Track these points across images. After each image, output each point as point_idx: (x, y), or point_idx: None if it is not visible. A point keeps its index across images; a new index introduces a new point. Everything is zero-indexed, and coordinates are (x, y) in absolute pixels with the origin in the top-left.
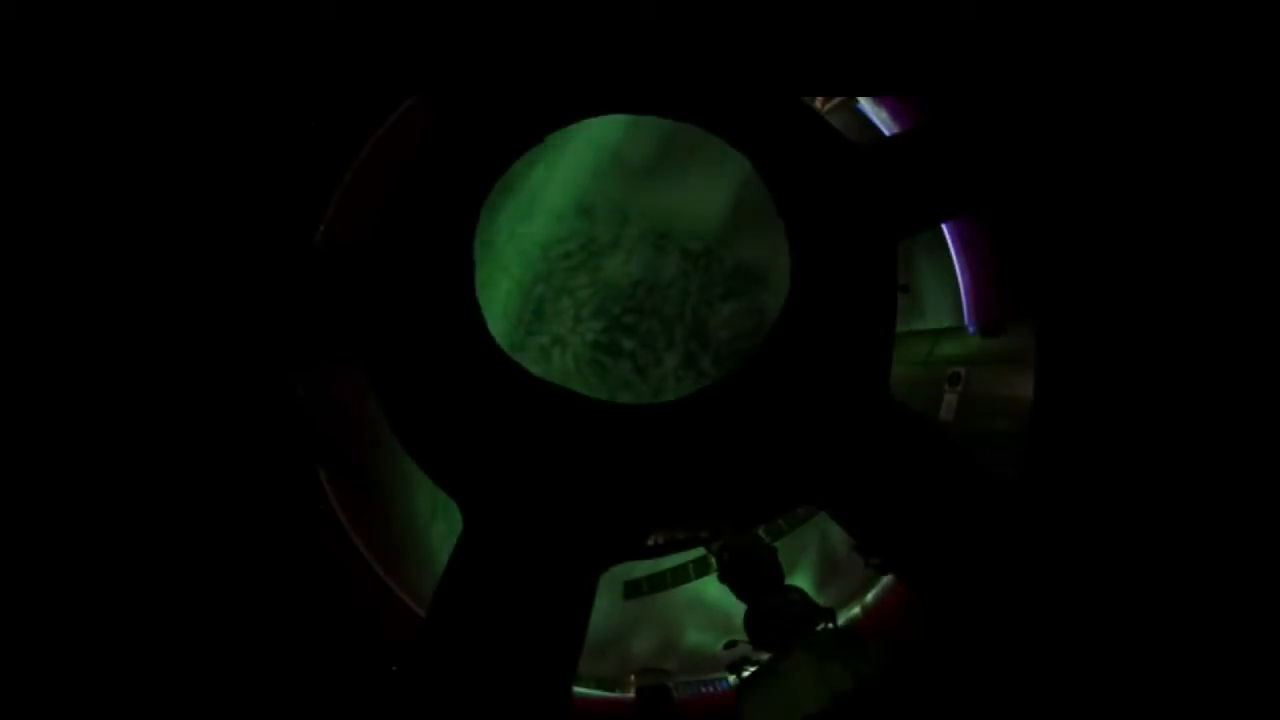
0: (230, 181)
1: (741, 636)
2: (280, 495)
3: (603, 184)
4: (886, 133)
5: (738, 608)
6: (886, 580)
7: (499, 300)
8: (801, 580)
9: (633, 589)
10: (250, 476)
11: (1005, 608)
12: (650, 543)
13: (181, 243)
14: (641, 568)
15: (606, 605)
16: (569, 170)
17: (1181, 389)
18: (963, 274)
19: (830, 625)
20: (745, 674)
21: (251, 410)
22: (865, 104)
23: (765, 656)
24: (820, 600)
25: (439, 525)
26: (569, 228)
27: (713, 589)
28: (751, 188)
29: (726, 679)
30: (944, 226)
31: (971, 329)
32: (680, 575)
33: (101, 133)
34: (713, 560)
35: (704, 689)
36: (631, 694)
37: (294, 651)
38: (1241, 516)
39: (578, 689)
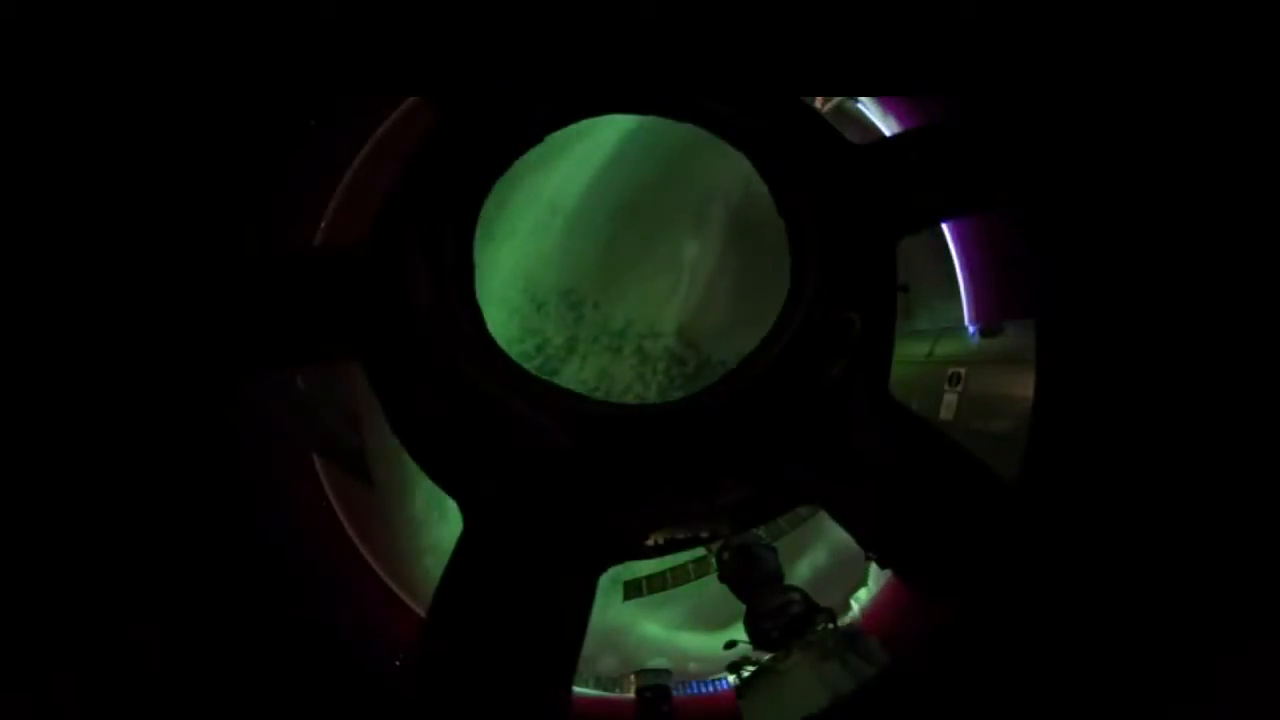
0: (230, 181)
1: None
2: (280, 494)
3: (554, 272)
4: (887, 133)
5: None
6: (886, 581)
7: None
8: (801, 580)
9: (633, 589)
10: (249, 475)
11: (1005, 607)
12: (650, 543)
13: (180, 242)
14: (642, 567)
15: None
16: (517, 250)
17: (1182, 389)
18: (963, 274)
19: (830, 625)
20: (745, 674)
21: (250, 408)
22: (865, 104)
23: (765, 656)
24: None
25: (439, 524)
26: (522, 324)
27: (654, 628)
28: (718, 275)
29: (726, 679)
30: (944, 226)
31: (971, 329)
32: (680, 575)
33: (100, 132)
34: (713, 560)
35: (704, 689)
36: (631, 694)
37: (293, 651)
38: (1242, 517)
39: (578, 689)
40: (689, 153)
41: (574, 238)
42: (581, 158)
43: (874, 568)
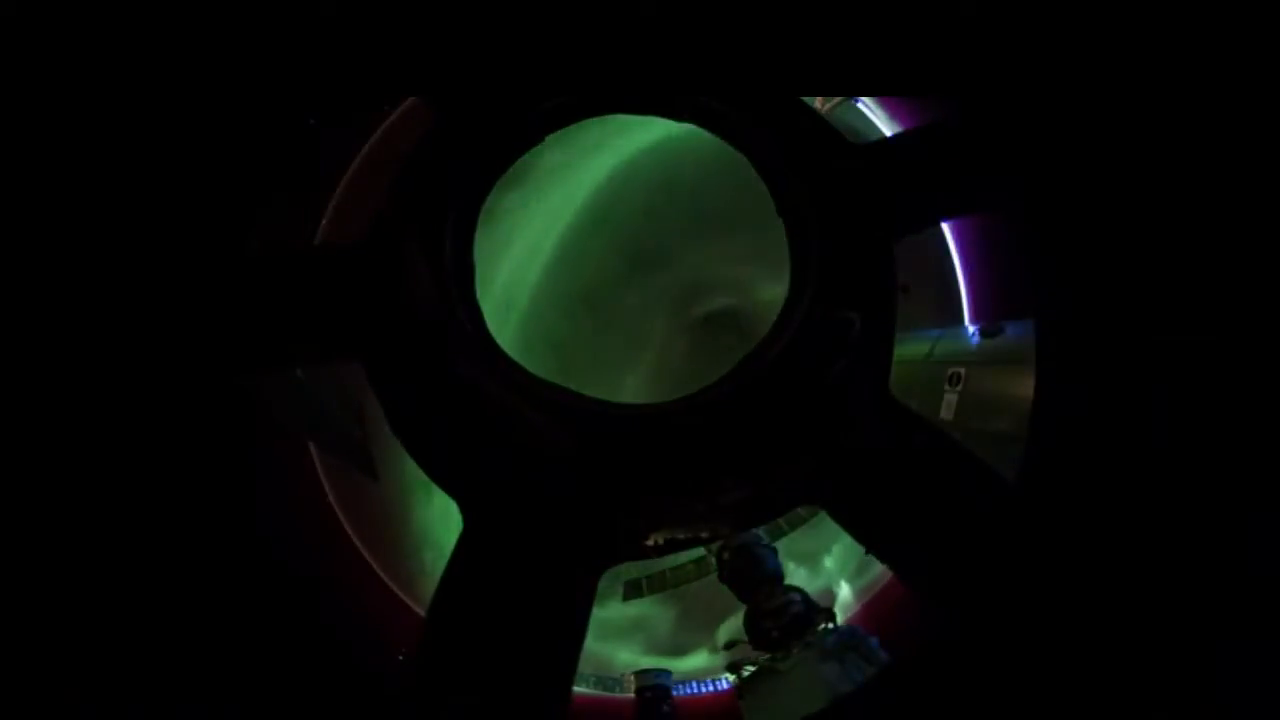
0: (229, 181)
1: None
2: (279, 494)
3: None
4: (887, 133)
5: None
6: (886, 580)
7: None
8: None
9: (633, 589)
10: (247, 474)
11: (1005, 608)
12: (650, 543)
13: (179, 242)
14: (641, 567)
15: None
16: None
17: (1184, 388)
18: (963, 274)
19: (830, 625)
20: (745, 674)
21: (248, 407)
22: (865, 104)
23: (765, 656)
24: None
25: (439, 524)
26: None
27: (628, 657)
28: (677, 375)
29: (726, 679)
30: (944, 226)
31: (971, 329)
32: (680, 574)
33: (99, 132)
34: (712, 560)
35: (704, 689)
36: (631, 694)
37: (291, 652)
38: (1242, 517)
39: (578, 689)
40: (644, 242)
41: (528, 332)
42: (533, 247)
43: (838, 604)
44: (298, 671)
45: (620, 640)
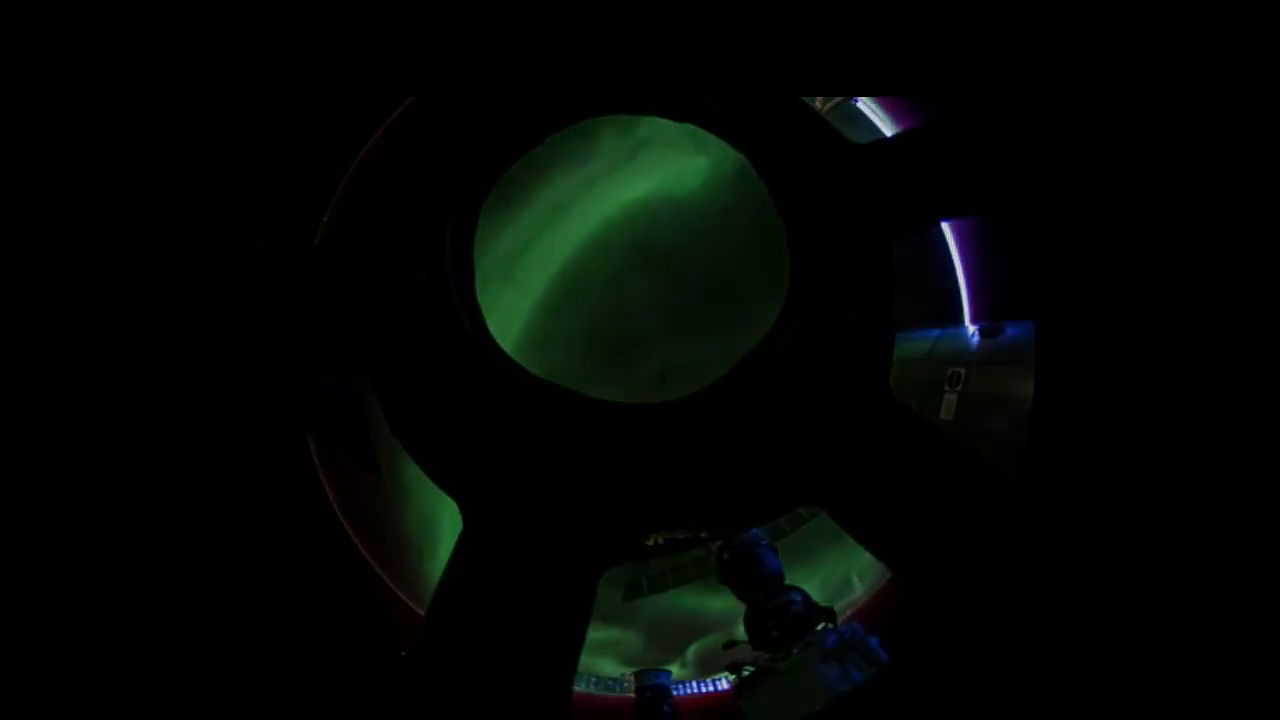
0: (229, 182)
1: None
2: (279, 494)
3: None
4: (887, 133)
5: None
6: (885, 579)
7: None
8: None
9: (633, 589)
10: (247, 475)
11: (1005, 607)
12: (650, 543)
13: (179, 244)
14: (641, 567)
15: None
16: None
17: (1182, 388)
18: (963, 274)
19: (830, 625)
20: (745, 674)
21: (251, 411)
22: (865, 104)
23: (765, 656)
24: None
25: (440, 524)
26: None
27: (612, 668)
28: None
29: (726, 679)
30: (944, 226)
31: (972, 329)
32: (680, 575)
33: (100, 132)
34: (712, 560)
35: (704, 689)
36: (631, 694)
37: (290, 652)
38: (1242, 516)
39: (577, 689)
40: (612, 321)
41: None
42: (501, 327)
43: None
44: (297, 671)
45: (601, 655)
